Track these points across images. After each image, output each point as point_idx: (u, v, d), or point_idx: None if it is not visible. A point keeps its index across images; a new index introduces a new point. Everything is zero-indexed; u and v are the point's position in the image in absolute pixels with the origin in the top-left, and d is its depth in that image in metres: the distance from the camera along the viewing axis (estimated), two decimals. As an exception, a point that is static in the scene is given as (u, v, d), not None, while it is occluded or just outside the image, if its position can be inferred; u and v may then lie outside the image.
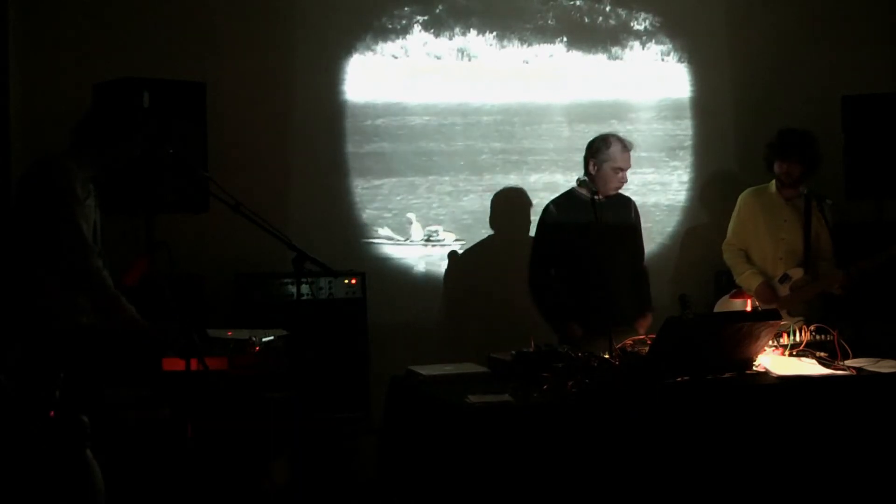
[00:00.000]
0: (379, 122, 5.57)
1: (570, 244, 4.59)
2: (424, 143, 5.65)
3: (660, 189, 5.98)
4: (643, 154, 5.90)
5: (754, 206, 5.03)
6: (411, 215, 5.60)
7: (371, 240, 5.53)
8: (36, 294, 3.68)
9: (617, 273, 4.57)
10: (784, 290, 4.84)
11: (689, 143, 6.05)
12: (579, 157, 4.74)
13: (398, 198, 5.59)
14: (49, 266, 3.65)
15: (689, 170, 6.06)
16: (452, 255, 5.65)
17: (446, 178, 5.67)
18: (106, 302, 3.68)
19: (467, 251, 5.67)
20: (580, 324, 4.52)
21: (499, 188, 5.72)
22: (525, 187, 5.74)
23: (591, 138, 4.71)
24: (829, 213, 4.79)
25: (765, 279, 4.89)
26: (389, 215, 5.56)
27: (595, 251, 4.40)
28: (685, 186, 6.05)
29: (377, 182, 5.56)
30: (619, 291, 4.55)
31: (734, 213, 5.14)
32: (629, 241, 4.78)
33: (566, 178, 5.35)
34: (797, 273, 4.85)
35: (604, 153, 4.57)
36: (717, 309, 4.99)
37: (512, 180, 5.75)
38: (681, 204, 6.04)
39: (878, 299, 5.12)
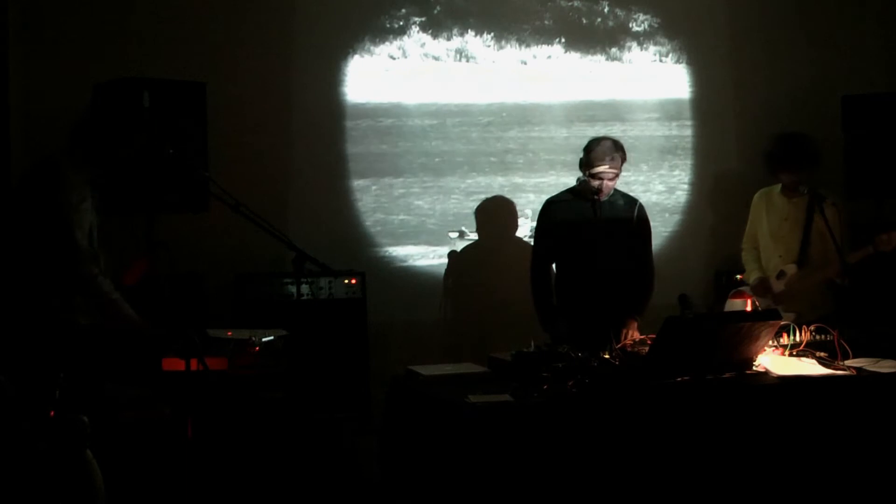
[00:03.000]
0: (378, 122, 5.57)
1: (564, 241, 4.60)
2: (423, 144, 5.65)
3: (660, 189, 5.98)
4: (643, 155, 5.91)
5: (760, 207, 5.12)
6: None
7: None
8: (35, 295, 3.68)
9: (610, 273, 4.54)
10: (779, 286, 4.88)
11: (688, 143, 6.04)
12: (578, 157, 4.73)
13: (398, 198, 5.60)
14: (46, 270, 3.65)
15: (688, 170, 6.06)
16: (452, 255, 5.65)
17: (445, 178, 5.67)
18: (103, 305, 3.68)
19: (467, 251, 5.67)
20: (568, 322, 4.50)
21: (497, 188, 5.72)
22: (525, 187, 5.74)
23: (589, 138, 4.68)
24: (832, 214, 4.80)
25: (763, 275, 4.96)
26: (389, 215, 5.57)
27: (588, 249, 4.42)
28: (685, 187, 6.05)
29: (377, 182, 5.56)
30: (611, 292, 4.53)
31: (749, 214, 5.19)
32: (626, 242, 4.62)
33: (565, 178, 5.34)
34: (792, 269, 4.90)
35: (587, 156, 4.54)
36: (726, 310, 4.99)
37: (511, 180, 5.75)
38: (681, 204, 6.03)
39: (878, 299, 5.12)
